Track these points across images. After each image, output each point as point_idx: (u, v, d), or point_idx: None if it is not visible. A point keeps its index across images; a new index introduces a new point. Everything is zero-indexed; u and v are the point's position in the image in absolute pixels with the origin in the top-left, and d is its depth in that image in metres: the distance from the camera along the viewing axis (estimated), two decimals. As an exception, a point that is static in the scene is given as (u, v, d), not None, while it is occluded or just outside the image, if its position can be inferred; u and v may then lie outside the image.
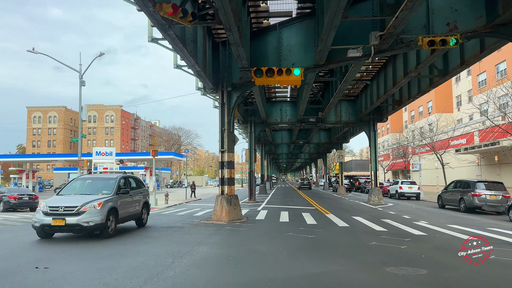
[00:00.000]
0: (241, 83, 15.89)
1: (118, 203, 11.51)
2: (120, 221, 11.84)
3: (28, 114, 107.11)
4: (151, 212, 21.22)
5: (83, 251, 9.18)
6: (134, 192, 12.98)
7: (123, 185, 12.28)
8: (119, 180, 12.17)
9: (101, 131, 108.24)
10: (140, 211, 13.36)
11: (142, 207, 13.54)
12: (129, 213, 12.50)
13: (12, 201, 23.12)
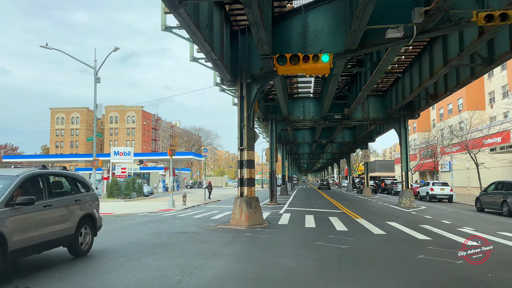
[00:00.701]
0: (262, 74, 14.41)
1: (7, 224, 6.31)
2: (17, 253, 6.55)
3: (51, 115, 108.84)
4: (166, 214, 20.10)
5: (75, 266, 7.90)
6: (60, 200, 7.79)
7: (31, 189, 7.20)
8: (19, 181, 6.90)
9: (123, 131, 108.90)
10: (73, 230, 8.05)
11: (79, 224, 8.27)
12: (45, 237, 7.20)
13: (26, 202, 22.30)
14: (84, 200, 8.68)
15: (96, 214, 9.17)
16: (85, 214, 8.58)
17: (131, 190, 34.61)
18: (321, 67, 11.70)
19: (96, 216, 9.15)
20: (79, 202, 8.45)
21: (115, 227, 14.54)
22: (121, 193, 34.20)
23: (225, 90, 25.50)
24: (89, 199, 8.95)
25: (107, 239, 11.27)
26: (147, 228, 13.90)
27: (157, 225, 14.93)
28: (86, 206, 8.68)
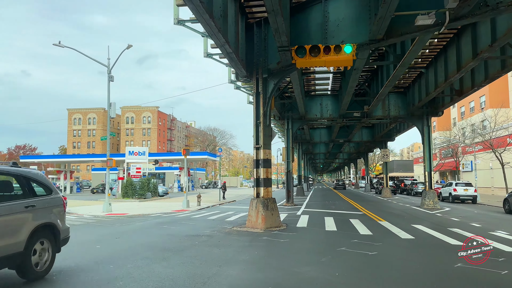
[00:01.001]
0: (279, 69, 13.65)
1: None
2: None
3: (68, 116, 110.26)
4: (180, 215, 19.50)
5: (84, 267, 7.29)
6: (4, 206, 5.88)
7: None
8: None
9: (139, 132, 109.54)
10: (21, 247, 6.03)
11: (31, 239, 6.25)
12: None
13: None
14: (41, 207, 6.63)
15: (59, 224, 7.06)
16: (42, 224, 6.53)
17: (145, 190, 34.28)
18: (344, 59, 10.89)
19: (59, 227, 7.02)
20: (33, 210, 6.40)
21: (126, 229, 13.99)
22: (136, 193, 33.89)
23: (240, 88, 24.82)
24: (50, 205, 6.91)
25: (116, 242, 10.69)
26: (159, 230, 13.30)
27: (170, 227, 14.33)
28: (43, 214, 6.66)
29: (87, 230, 13.91)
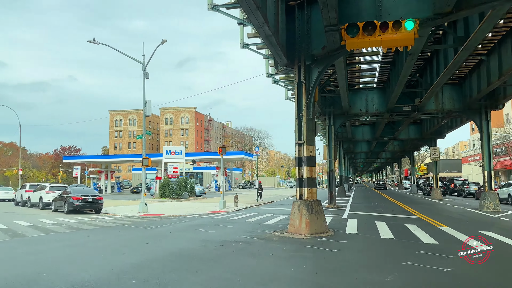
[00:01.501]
0: (324, 54, 12.12)
1: None
2: None
3: (110, 118, 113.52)
4: (216, 217, 18.28)
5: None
6: None
7: None
8: None
9: (177, 132, 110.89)
10: None
11: None
12: None
13: (76, 202, 21.82)
14: None
15: None
16: None
17: (182, 190, 33.71)
18: (404, 37, 9.23)
19: None
20: None
21: (158, 232, 12.99)
22: (173, 193, 33.39)
23: (278, 82, 23.44)
24: None
25: (145, 248, 9.63)
26: (194, 234, 12.18)
27: (205, 230, 13.19)
28: None
29: (117, 233, 13.05)
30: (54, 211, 23.51)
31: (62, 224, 15.88)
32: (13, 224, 15.69)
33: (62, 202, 22.68)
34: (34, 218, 18.63)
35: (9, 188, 41.90)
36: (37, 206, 26.86)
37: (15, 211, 23.71)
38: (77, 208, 21.89)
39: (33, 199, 27.53)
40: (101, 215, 21.60)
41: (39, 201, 26.41)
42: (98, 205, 22.73)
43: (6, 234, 12.24)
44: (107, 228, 14.70)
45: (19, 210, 24.81)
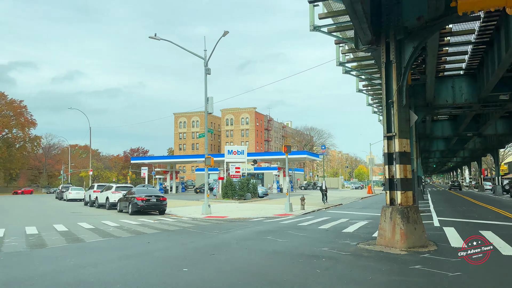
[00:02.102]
0: (421, 25, 9.80)
1: None
2: None
3: (175, 120, 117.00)
4: (284, 222, 16.28)
5: None
6: None
7: None
8: None
9: (237, 133, 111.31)
10: None
11: None
12: None
13: (140, 203, 21.31)
14: None
15: None
16: None
17: (245, 191, 32.47)
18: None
19: None
20: None
21: (224, 239, 11.49)
22: (236, 193, 32.27)
23: (349, 72, 21.11)
24: None
25: (209, 262, 8.05)
26: (262, 244, 10.49)
27: (275, 238, 11.45)
28: None
29: (179, 239, 11.75)
30: (119, 212, 23.31)
31: (123, 227, 15.08)
32: (75, 226, 15.18)
33: (127, 203, 22.36)
34: (98, 219, 18.22)
35: (80, 188, 43.75)
36: (104, 206, 27.07)
37: (82, 212, 23.87)
38: (141, 209, 21.38)
39: (100, 199, 27.84)
40: (164, 216, 20.88)
41: (106, 201, 26.57)
42: (161, 206, 22.10)
43: (64, 239, 11.48)
44: (169, 232, 13.56)
45: (86, 211, 25.03)
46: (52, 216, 20.59)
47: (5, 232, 12.76)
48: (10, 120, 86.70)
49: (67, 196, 39.99)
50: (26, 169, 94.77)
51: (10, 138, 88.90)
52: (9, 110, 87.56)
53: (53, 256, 8.75)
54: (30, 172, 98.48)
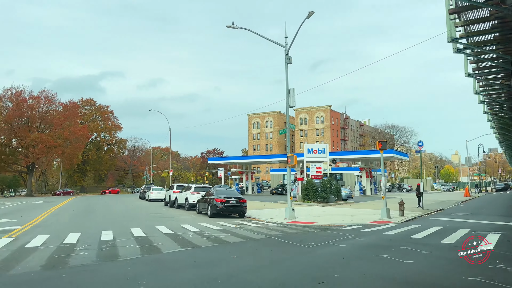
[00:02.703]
0: None
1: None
2: None
3: (248, 121, 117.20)
4: (390, 232, 12.30)
5: None
6: None
7: None
8: None
9: (312, 132, 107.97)
10: None
11: None
12: None
13: (219, 205, 19.83)
14: None
15: None
16: None
17: (328, 193, 29.68)
18: None
19: None
20: None
21: (323, 256, 9.10)
22: (318, 196, 29.64)
23: (463, 50, 17.41)
24: None
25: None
26: (382, 266, 7.89)
27: (393, 257, 8.75)
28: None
29: (268, 253, 9.61)
30: (198, 214, 22.15)
31: (203, 232, 13.43)
32: (153, 230, 13.90)
33: (206, 204, 21.08)
34: (177, 223, 16.96)
35: (162, 188, 44.31)
36: (183, 207, 26.28)
37: (161, 213, 23.10)
38: (220, 211, 19.89)
39: (179, 200, 27.12)
40: (245, 219, 19.16)
41: (185, 202, 25.70)
42: (241, 208, 20.44)
43: (138, 248, 9.98)
44: (254, 241, 11.55)
45: (166, 212, 24.29)
46: (132, 218, 19.92)
47: (80, 238, 11.75)
48: (98, 124, 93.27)
49: (149, 196, 40.58)
50: (114, 170, 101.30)
51: (99, 141, 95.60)
52: (98, 115, 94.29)
53: (120, 275, 7.10)
54: (117, 173, 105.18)
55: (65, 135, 66.15)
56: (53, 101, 70.34)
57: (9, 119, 62.78)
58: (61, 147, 65.13)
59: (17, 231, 13.52)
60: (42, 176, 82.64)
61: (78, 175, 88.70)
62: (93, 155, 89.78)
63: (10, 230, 13.58)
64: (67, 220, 17.97)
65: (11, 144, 68.91)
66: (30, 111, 65.56)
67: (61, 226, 15.30)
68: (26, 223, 16.10)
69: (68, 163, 73.00)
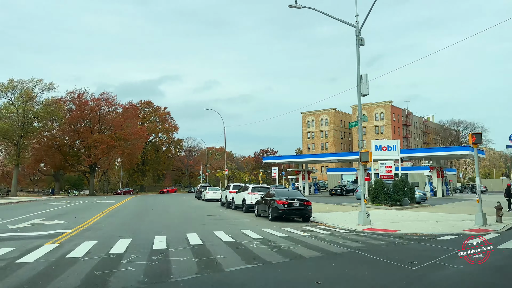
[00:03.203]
0: None
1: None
2: None
3: (302, 119, 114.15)
4: (507, 247, 10.23)
5: None
6: None
7: None
8: None
9: (371, 130, 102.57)
10: None
11: None
12: None
13: (281, 207, 17.70)
14: None
15: None
16: None
17: (401, 194, 26.39)
18: None
19: None
20: None
21: (441, 283, 6.55)
22: (389, 198, 26.48)
23: None
24: None
25: None
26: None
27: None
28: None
29: (365, 277, 7.23)
30: (258, 216, 20.23)
31: (268, 241, 11.36)
32: (211, 237, 12.07)
33: (266, 206, 19.07)
34: (236, 227, 15.08)
35: (217, 188, 43.20)
36: (240, 208, 24.54)
37: (218, 215, 21.44)
38: (283, 214, 17.75)
39: (236, 200, 25.43)
40: (310, 225, 16.89)
41: (242, 203, 23.92)
42: (306, 212, 18.16)
43: (195, 262, 8.10)
44: (335, 257, 9.23)
45: (223, 213, 22.64)
46: (187, 220, 18.42)
47: (129, 245, 10.16)
48: (156, 125, 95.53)
49: (205, 196, 39.60)
50: (171, 170, 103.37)
51: (157, 142, 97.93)
52: (156, 117, 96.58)
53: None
54: (174, 173, 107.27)
55: (124, 135, 67.80)
56: (113, 103, 72.59)
57: (72, 121, 65.49)
58: (121, 148, 66.80)
59: (65, 235, 12.32)
60: (104, 176, 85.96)
61: (138, 174, 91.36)
62: (151, 155, 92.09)
63: (58, 234, 12.43)
64: (120, 222, 16.81)
65: (74, 145, 72.04)
66: (92, 113, 68.00)
67: (112, 229, 14.01)
68: (77, 225, 15.05)
69: (128, 163, 74.98)
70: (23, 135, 55.25)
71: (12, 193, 53.98)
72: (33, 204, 32.16)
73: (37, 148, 65.16)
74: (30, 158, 62.73)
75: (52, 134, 67.76)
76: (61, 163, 67.90)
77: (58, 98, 63.65)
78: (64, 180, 77.28)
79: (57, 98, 62.22)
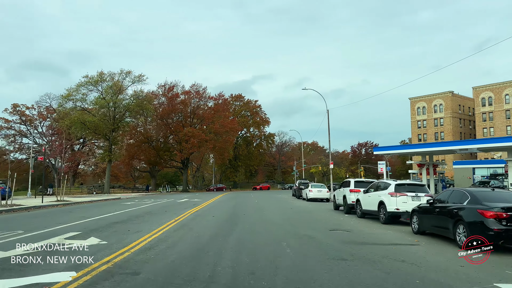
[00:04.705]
0: None
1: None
2: None
3: (411, 106, 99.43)
4: None
5: None
6: None
7: None
8: None
9: (499, 115, 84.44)
10: None
11: None
12: None
13: (497, 225, 8.81)
14: None
15: None
16: None
17: None
18: None
19: None
20: None
21: None
22: None
23: None
24: None
25: None
26: None
27: None
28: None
29: None
30: (420, 234, 11.59)
31: None
32: None
33: (445, 219, 10.48)
34: (420, 274, 6.65)
35: (322, 185, 34.93)
36: (372, 215, 16.24)
37: (349, 229, 13.05)
38: (500, 239, 8.83)
39: (364, 204, 17.13)
40: None
41: (379, 209, 15.42)
42: None
43: None
44: None
45: (351, 225, 14.25)
46: (301, 244, 10.52)
47: None
48: (247, 119, 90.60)
49: (308, 194, 31.80)
50: (263, 166, 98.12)
51: (248, 137, 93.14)
52: (247, 110, 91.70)
53: None
54: (266, 169, 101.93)
55: (215, 128, 63.58)
56: (203, 95, 68.88)
57: (164, 115, 62.90)
58: (212, 141, 62.61)
59: (87, 271, 5.31)
60: (198, 172, 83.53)
61: (230, 170, 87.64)
62: (243, 150, 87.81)
63: (81, 267, 5.49)
64: (191, 243, 9.65)
65: (168, 140, 69.97)
66: (183, 106, 64.90)
67: (171, 262, 6.89)
68: (107, 255, 7.94)
69: (219, 157, 70.92)
70: (114, 129, 53.44)
71: (106, 190, 52.41)
72: (110, 204, 27.51)
73: (131, 144, 63.95)
74: (124, 154, 61.50)
75: (145, 129, 66.34)
76: (155, 159, 66.14)
77: (150, 92, 61.67)
78: (161, 177, 76.21)
79: (148, 92, 60.17)
